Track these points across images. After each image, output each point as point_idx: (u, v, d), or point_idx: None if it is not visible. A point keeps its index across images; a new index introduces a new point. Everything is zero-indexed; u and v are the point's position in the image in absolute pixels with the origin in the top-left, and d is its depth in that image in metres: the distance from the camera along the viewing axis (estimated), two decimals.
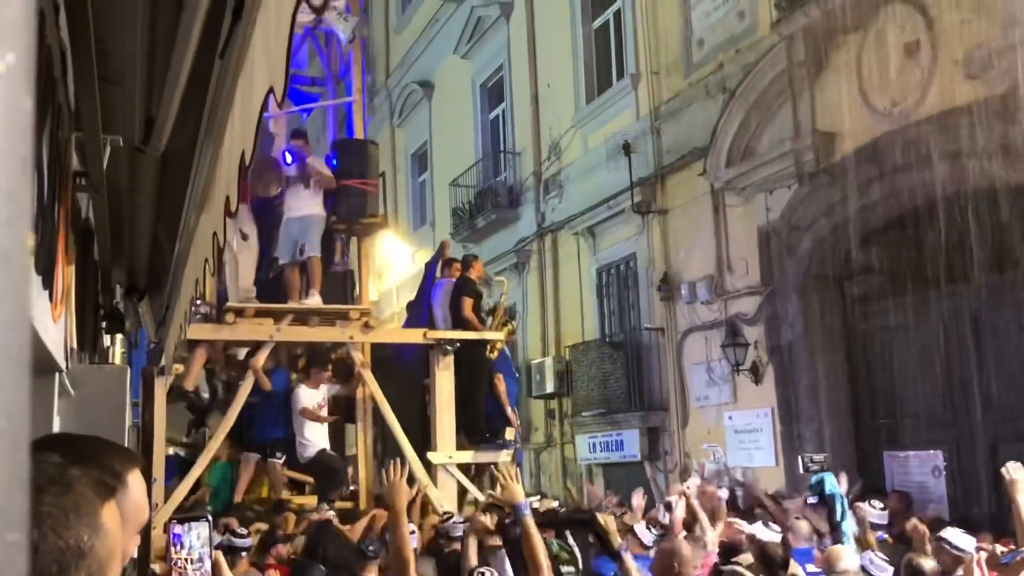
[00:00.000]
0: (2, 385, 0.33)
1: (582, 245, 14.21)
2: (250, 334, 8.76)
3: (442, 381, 9.23)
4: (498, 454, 9.35)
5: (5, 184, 0.33)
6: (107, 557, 0.99)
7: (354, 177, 9.10)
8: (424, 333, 9.33)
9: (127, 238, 4.03)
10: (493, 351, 9.52)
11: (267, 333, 8.69)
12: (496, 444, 9.39)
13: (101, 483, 1.06)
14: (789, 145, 10.16)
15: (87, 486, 1.01)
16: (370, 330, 9.08)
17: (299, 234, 8.85)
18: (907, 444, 9.83)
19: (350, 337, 8.98)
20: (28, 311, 0.36)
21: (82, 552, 0.96)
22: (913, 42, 8.93)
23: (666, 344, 12.32)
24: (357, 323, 8.99)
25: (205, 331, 8.54)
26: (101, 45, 2.33)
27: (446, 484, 9.05)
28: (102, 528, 0.99)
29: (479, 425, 9.43)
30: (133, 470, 1.31)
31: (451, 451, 9.17)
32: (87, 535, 0.97)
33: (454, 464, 9.15)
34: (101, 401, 3.72)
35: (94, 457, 1.18)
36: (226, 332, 8.60)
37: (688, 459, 11.88)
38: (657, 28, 12.66)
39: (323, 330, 9.04)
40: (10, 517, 0.32)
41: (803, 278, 10.38)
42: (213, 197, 2.60)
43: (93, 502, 1.00)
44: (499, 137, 17.52)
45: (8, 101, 0.34)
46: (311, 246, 8.82)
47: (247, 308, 8.67)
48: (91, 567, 0.97)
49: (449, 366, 9.26)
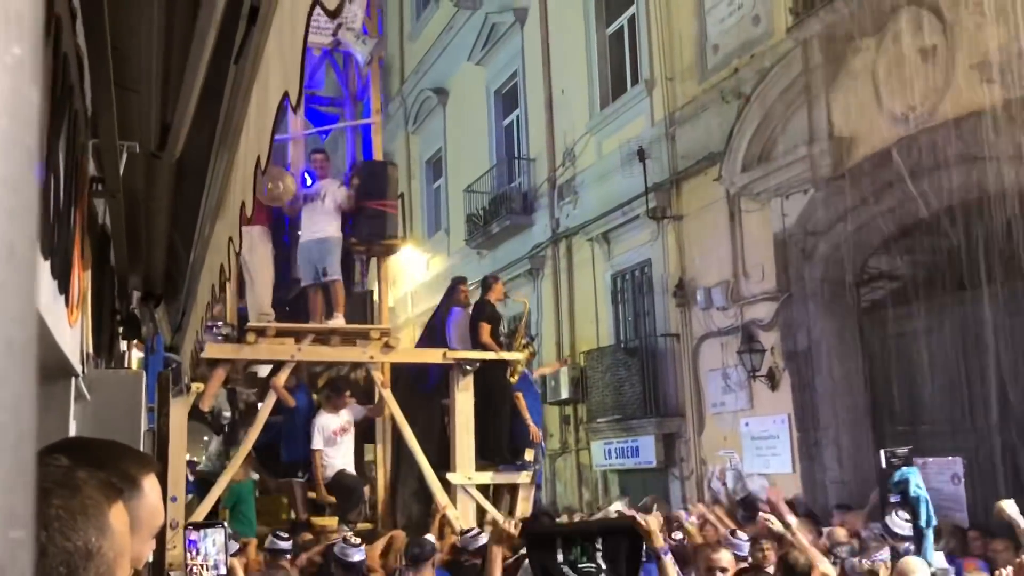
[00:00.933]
0: (7, 380, 0.32)
1: (597, 251, 14.19)
2: (271, 354, 8.74)
3: (461, 401, 9.19)
4: (517, 475, 9.32)
5: (11, 175, 0.33)
6: (115, 558, 1.00)
7: (373, 198, 9.11)
8: (444, 353, 9.29)
9: (143, 244, 4.05)
10: (514, 374, 9.43)
11: (288, 353, 8.68)
12: (516, 465, 9.35)
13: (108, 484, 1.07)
14: (805, 150, 10.11)
15: (94, 488, 1.02)
16: (390, 350, 9.10)
17: (318, 257, 8.85)
18: (925, 451, 9.74)
19: (370, 357, 8.97)
20: (34, 304, 0.35)
21: (90, 553, 0.97)
22: (930, 47, 8.88)
23: (681, 350, 12.28)
24: (377, 343, 8.98)
25: (226, 351, 8.52)
26: (118, 52, 2.35)
27: (465, 505, 9.01)
28: (109, 529, 1.00)
29: (499, 446, 9.39)
30: (148, 474, 1.31)
31: (470, 472, 9.12)
32: (95, 537, 0.98)
33: (473, 485, 9.10)
34: (117, 406, 3.74)
35: (103, 460, 1.18)
36: (247, 352, 8.58)
37: (704, 466, 11.84)
38: (672, 33, 12.65)
39: (344, 350, 9.02)
40: (15, 514, 0.32)
41: (819, 284, 10.33)
42: (228, 203, 2.61)
43: (100, 504, 1.01)
44: (513, 143, 17.53)
45: (15, 92, 0.34)
46: (332, 270, 8.83)
47: (268, 328, 8.65)
48: (99, 568, 0.97)
49: (469, 386, 9.22)
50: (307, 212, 8.98)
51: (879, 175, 9.43)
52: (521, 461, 9.36)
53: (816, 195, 10.19)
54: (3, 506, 0.31)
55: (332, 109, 10.91)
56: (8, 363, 0.32)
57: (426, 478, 8.93)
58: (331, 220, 8.93)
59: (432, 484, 8.85)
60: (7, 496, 0.31)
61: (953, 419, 9.47)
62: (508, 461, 9.38)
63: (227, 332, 8.53)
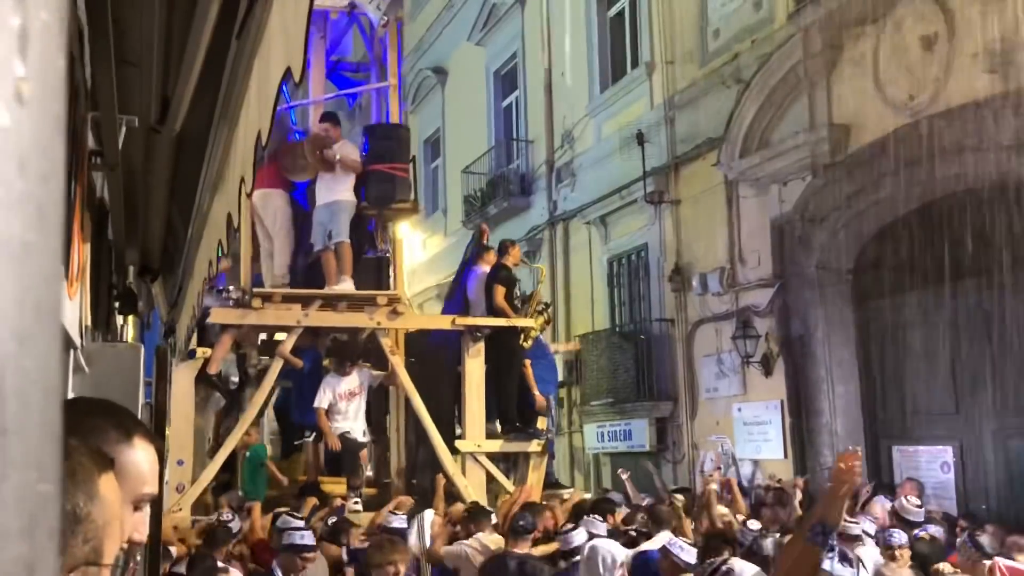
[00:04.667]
0: (36, 338, 0.33)
1: (594, 234, 14.19)
2: (277, 319, 8.68)
3: (472, 368, 9.05)
4: (528, 443, 9.14)
5: (40, 140, 0.34)
6: (103, 525, 1.02)
7: (384, 162, 9.01)
8: (453, 320, 9.20)
9: (141, 218, 4.05)
10: (527, 340, 9.24)
11: (294, 318, 8.61)
12: (527, 433, 9.16)
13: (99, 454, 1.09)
14: (804, 137, 10.11)
15: (85, 455, 1.04)
16: (397, 316, 8.92)
17: (328, 220, 8.79)
18: (917, 439, 9.81)
19: (377, 323, 8.86)
20: (60, 266, 0.36)
21: (78, 517, 0.98)
22: (931, 34, 8.86)
23: (676, 335, 12.31)
24: (385, 309, 8.85)
25: (231, 315, 8.47)
26: (118, 25, 2.34)
27: (474, 473, 8.86)
28: (98, 495, 1.02)
29: (510, 414, 9.24)
30: (130, 440, 1.31)
31: (480, 440, 8.97)
32: (83, 501, 0.99)
33: (483, 453, 8.96)
34: (115, 379, 3.75)
35: (93, 430, 1.20)
36: (253, 317, 8.53)
37: (696, 450, 11.89)
38: (673, 17, 12.60)
39: (350, 316, 8.90)
40: (44, 467, 0.33)
41: (816, 271, 10.35)
42: (228, 178, 2.61)
43: (91, 471, 1.03)
44: (512, 125, 17.49)
45: (43, 58, 0.34)
46: (338, 232, 8.74)
47: (274, 293, 8.63)
48: (87, 533, 0.99)
49: (480, 353, 9.07)
50: (320, 178, 8.93)
51: (877, 163, 9.43)
52: (533, 429, 9.16)
53: (814, 182, 10.20)
54: (34, 459, 0.32)
55: (359, 75, 10.79)
56: (37, 322, 0.33)
57: (435, 447, 8.79)
58: (343, 183, 8.85)
59: (441, 453, 8.70)
60: (37, 450, 0.33)
61: (945, 408, 9.53)
62: (518, 429, 9.19)
63: (237, 297, 8.50)
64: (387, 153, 9.08)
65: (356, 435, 8.79)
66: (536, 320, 9.34)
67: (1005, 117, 7.99)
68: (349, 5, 9.10)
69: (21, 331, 0.33)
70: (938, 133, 8.63)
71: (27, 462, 0.33)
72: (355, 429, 8.80)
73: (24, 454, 0.32)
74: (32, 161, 0.33)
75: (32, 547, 0.34)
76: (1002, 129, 8.05)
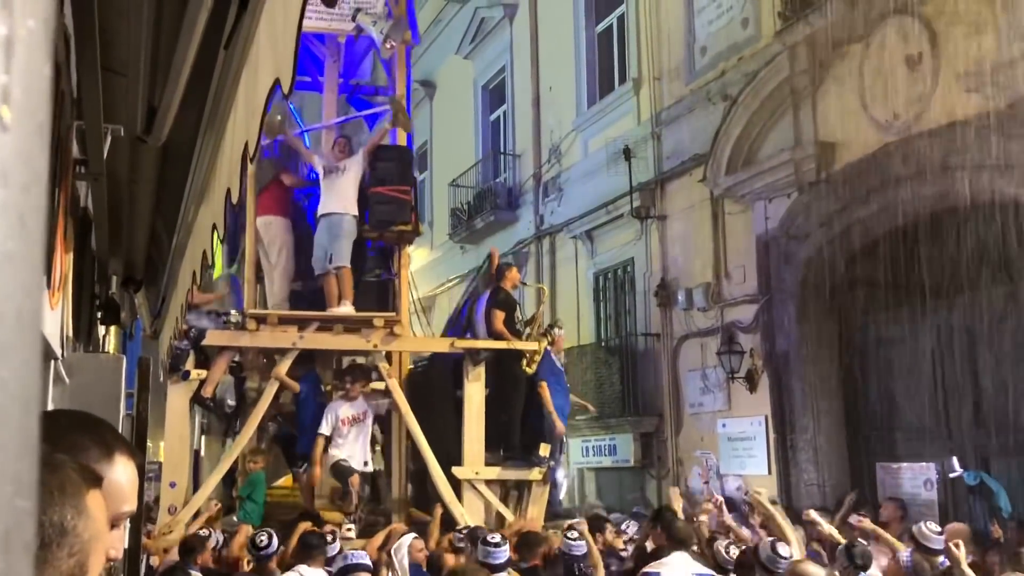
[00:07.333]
0: (16, 349, 0.33)
1: (580, 249, 14.21)
2: (272, 341, 8.53)
3: (472, 392, 8.79)
4: (528, 471, 8.81)
5: (23, 149, 0.33)
6: (89, 540, 1.01)
7: (386, 184, 8.94)
8: (452, 343, 8.96)
9: (126, 228, 4.02)
10: (531, 364, 8.85)
11: (289, 340, 8.47)
12: (528, 460, 8.81)
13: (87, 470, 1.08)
14: (789, 154, 10.17)
15: (74, 470, 1.03)
16: (394, 338, 8.71)
17: (328, 243, 8.66)
18: (900, 456, 9.84)
19: (373, 345, 8.67)
20: (42, 276, 0.36)
21: (64, 530, 0.97)
22: (915, 54, 8.95)
23: (662, 350, 12.33)
24: (382, 331, 8.66)
25: (225, 337, 8.36)
26: (105, 34, 2.33)
27: (473, 502, 8.54)
28: (86, 511, 1.01)
29: (511, 440, 8.94)
30: (111, 458, 1.30)
31: (478, 466, 8.65)
32: (70, 515, 0.99)
33: (481, 480, 8.65)
34: (96, 390, 3.71)
35: (73, 447, 1.19)
36: (247, 339, 8.41)
37: (680, 466, 11.89)
38: (660, 34, 12.68)
39: (346, 338, 8.72)
40: (22, 482, 0.32)
41: (800, 287, 10.39)
42: (214, 188, 2.60)
43: (79, 485, 1.02)
44: (499, 139, 17.53)
45: (28, 66, 0.34)
46: (339, 256, 8.61)
47: (270, 315, 8.50)
48: (73, 547, 0.98)
49: (480, 377, 8.81)
50: (326, 185, 8.86)
51: (862, 181, 9.50)
52: (535, 456, 8.77)
53: (800, 199, 10.26)
54: (11, 473, 0.32)
55: (378, 99, 10.72)
56: (17, 333, 0.33)
57: (432, 473, 8.52)
58: (347, 194, 8.75)
59: (437, 480, 8.44)
60: (15, 463, 0.32)
61: (928, 425, 9.57)
62: (518, 456, 8.85)
63: (235, 320, 8.42)
64: (389, 176, 8.99)
65: (354, 462, 8.52)
66: (539, 343, 9.00)
67: (988, 136, 8.06)
68: (356, 28, 9.05)
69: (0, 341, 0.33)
70: (922, 152, 8.71)
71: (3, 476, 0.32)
72: (354, 455, 8.48)
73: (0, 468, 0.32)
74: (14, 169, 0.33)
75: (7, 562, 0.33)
76: (985, 148, 8.13)
